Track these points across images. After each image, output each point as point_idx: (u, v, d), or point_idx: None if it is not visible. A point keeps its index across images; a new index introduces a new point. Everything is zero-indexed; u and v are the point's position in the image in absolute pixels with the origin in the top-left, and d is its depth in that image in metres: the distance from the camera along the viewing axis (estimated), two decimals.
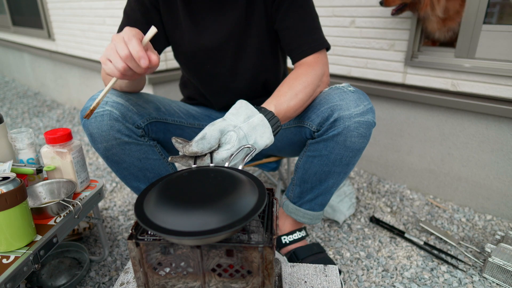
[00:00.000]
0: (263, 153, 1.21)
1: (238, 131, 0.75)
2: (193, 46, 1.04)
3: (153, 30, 0.69)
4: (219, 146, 0.74)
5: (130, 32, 0.68)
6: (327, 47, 1.00)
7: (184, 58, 1.10)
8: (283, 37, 1.02)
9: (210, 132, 0.72)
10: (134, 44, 0.66)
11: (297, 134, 1.02)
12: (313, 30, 0.99)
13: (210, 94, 1.16)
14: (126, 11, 1.01)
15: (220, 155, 0.73)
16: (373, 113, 0.91)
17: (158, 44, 1.04)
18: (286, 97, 0.86)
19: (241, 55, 1.06)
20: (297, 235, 1.15)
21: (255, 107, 0.82)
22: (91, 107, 0.72)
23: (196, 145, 0.71)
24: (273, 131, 0.80)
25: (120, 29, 1.01)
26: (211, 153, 0.73)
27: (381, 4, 1.36)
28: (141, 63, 0.66)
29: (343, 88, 0.93)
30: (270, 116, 0.80)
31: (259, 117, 0.78)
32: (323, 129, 0.93)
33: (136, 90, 0.99)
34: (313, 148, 0.97)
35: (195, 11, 1.01)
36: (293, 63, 1.01)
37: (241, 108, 0.79)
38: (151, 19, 1.01)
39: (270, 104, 0.84)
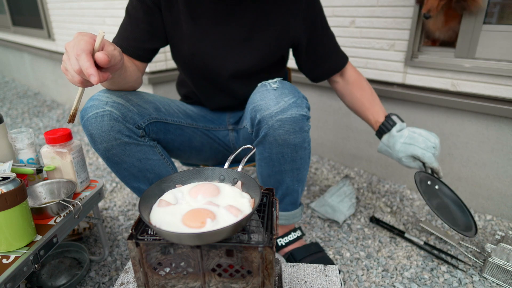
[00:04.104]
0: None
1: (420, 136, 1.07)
2: (192, 49, 1.03)
3: (101, 34, 0.67)
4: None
5: (78, 43, 0.65)
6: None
7: (181, 59, 1.09)
8: (314, 60, 1.14)
9: (432, 158, 1.05)
10: (83, 61, 0.63)
11: (249, 133, 1.02)
12: (338, 47, 1.16)
13: (203, 95, 1.16)
14: (128, 10, 1.00)
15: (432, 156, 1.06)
16: (297, 106, 0.87)
17: (156, 43, 1.03)
18: (377, 99, 1.16)
19: (241, 65, 1.05)
20: (292, 236, 1.15)
21: (394, 119, 1.11)
22: (71, 112, 0.73)
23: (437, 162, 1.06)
24: None
25: (122, 29, 1.01)
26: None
27: (427, 17, 1.31)
28: (90, 80, 0.64)
29: (267, 85, 0.91)
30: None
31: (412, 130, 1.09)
32: (255, 131, 0.93)
33: (129, 88, 0.98)
34: (257, 151, 0.98)
35: (198, 16, 1.00)
36: (327, 77, 1.18)
37: (422, 135, 1.07)
38: (153, 18, 1.00)
39: (381, 115, 1.13)
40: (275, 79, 0.93)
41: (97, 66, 0.66)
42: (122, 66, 0.78)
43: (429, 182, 1.14)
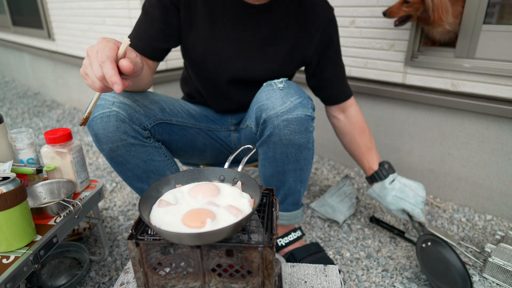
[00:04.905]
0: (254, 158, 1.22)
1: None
2: (205, 53, 1.02)
3: (126, 42, 0.65)
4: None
5: (103, 49, 0.63)
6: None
7: (192, 61, 1.08)
8: (321, 83, 1.15)
9: (419, 212, 1.13)
10: (107, 68, 0.62)
11: (252, 133, 1.02)
12: (345, 79, 1.17)
13: (209, 98, 1.16)
14: (145, 7, 0.99)
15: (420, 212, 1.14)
16: (303, 106, 0.88)
17: (170, 43, 1.02)
18: (372, 141, 1.20)
19: (250, 73, 1.05)
20: (292, 236, 1.15)
21: (387, 168, 1.18)
22: (85, 116, 0.72)
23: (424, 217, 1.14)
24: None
25: (137, 26, 1.00)
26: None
27: (384, 15, 1.36)
28: (114, 88, 0.62)
29: (273, 84, 0.92)
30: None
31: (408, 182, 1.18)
32: (260, 130, 0.93)
33: (141, 90, 0.97)
34: (261, 151, 0.98)
35: (216, 20, 1.00)
36: (328, 104, 1.20)
37: (410, 189, 1.16)
38: (169, 17, 0.98)
39: (376, 162, 1.19)
40: (281, 79, 0.93)
41: (119, 73, 0.64)
42: (142, 72, 0.78)
43: (429, 243, 1.14)
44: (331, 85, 1.14)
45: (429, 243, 1.14)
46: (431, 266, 1.09)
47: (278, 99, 0.87)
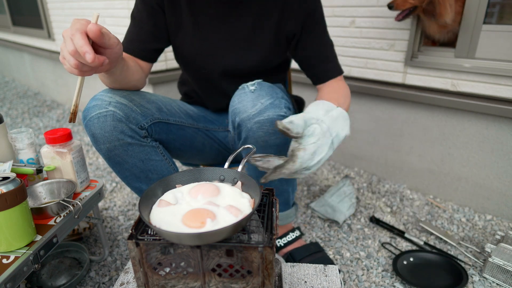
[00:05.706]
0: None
1: (321, 124, 0.78)
2: (194, 50, 1.03)
3: (95, 15, 0.66)
4: (301, 138, 0.77)
5: (74, 25, 0.64)
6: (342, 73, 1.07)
7: (183, 60, 1.10)
8: (305, 60, 1.06)
9: (296, 119, 0.76)
10: (77, 39, 0.61)
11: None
12: (333, 57, 1.06)
13: (205, 96, 1.16)
14: (133, 14, 1.01)
15: (308, 151, 0.75)
16: (275, 107, 0.87)
17: (160, 43, 1.03)
18: (340, 101, 0.93)
19: (243, 66, 1.05)
20: (290, 236, 1.15)
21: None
22: (72, 110, 0.71)
23: (288, 124, 0.75)
24: None
25: (128, 32, 1.02)
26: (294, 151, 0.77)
27: (390, 8, 1.33)
28: (86, 58, 0.61)
29: (245, 87, 0.91)
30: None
31: (339, 110, 0.82)
32: (236, 134, 0.93)
33: (131, 87, 0.97)
34: (243, 154, 0.97)
35: (200, 17, 1.01)
36: (316, 84, 1.08)
37: (320, 104, 0.84)
38: (156, 19, 1.00)
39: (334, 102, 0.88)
40: (254, 81, 0.93)
41: (98, 54, 0.64)
42: (121, 55, 0.77)
43: (411, 259, 1.16)
44: (316, 63, 1.06)
45: (411, 259, 1.15)
46: (423, 280, 1.09)
47: (249, 101, 0.87)
